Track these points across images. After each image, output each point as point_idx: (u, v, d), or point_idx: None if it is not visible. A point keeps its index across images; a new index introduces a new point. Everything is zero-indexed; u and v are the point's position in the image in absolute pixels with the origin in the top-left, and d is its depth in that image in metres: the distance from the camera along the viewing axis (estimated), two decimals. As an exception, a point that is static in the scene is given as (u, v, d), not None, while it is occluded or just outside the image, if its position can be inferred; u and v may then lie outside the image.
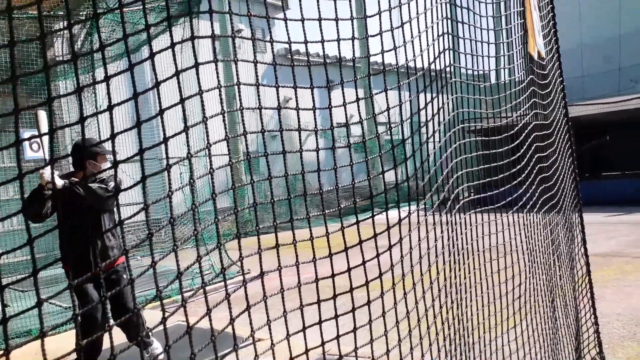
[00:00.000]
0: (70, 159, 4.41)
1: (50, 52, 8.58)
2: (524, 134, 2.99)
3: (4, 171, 9.02)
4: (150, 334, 4.46)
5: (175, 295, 6.68)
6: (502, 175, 2.79)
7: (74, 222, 3.96)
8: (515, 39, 3.01)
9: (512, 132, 2.98)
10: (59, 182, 3.70)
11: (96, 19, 0.90)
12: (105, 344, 4.05)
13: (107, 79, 0.88)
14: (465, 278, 2.49)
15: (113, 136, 0.91)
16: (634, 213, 11.78)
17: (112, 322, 4.38)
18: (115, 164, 0.93)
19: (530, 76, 3.10)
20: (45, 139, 3.72)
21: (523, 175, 2.95)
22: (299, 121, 1.58)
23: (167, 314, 1.06)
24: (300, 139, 1.55)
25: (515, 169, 2.91)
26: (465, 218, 2.51)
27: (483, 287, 2.62)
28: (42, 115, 3.47)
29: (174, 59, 1.07)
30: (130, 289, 4.47)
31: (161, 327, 1.07)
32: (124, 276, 4.19)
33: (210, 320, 1.16)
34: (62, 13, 7.38)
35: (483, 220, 2.66)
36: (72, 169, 4.24)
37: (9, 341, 5.05)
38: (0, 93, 8.22)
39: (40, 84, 8.50)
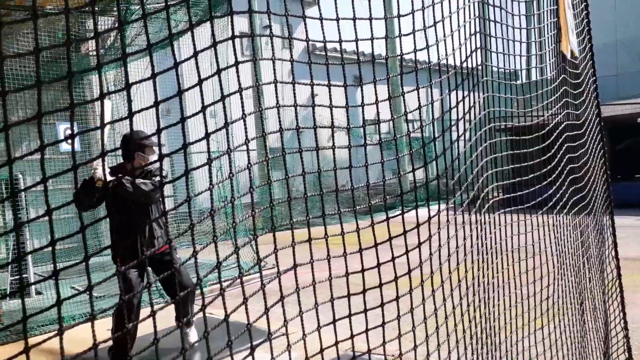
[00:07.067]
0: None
1: (84, 48, 8.78)
2: (555, 134, 2.96)
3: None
4: (192, 321, 4.59)
5: (204, 287, 6.77)
6: (532, 175, 2.77)
7: (123, 214, 4.07)
8: (547, 37, 2.98)
9: (543, 131, 2.95)
10: (109, 178, 3.82)
11: (144, 20, 0.94)
12: (147, 329, 4.18)
13: (153, 76, 0.92)
14: (493, 277, 2.48)
15: (159, 130, 0.96)
16: (668, 216, 11.45)
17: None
18: (161, 157, 0.98)
19: (563, 75, 3.06)
20: (104, 132, 3.86)
21: (553, 176, 2.92)
22: (332, 118, 1.60)
23: (205, 303, 1.11)
24: (333, 136, 1.58)
25: (545, 169, 2.88)
26: (494, 217, 2.50)
27: (511, 287, 2.61)
28: (108, 104, 3.57)
29: (216, 59, 1.11)
30: (184, 268, 4.60)
31: (198, 315, 1.12)
32: (176, 256, 4.38)
33: (247, 310, 1.20)
34: (89, 9, 7.53)
35: (512, 220, 2.65)
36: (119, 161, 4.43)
37: (35, 330, 5.21)
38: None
39: (75, 78, 8.72)
